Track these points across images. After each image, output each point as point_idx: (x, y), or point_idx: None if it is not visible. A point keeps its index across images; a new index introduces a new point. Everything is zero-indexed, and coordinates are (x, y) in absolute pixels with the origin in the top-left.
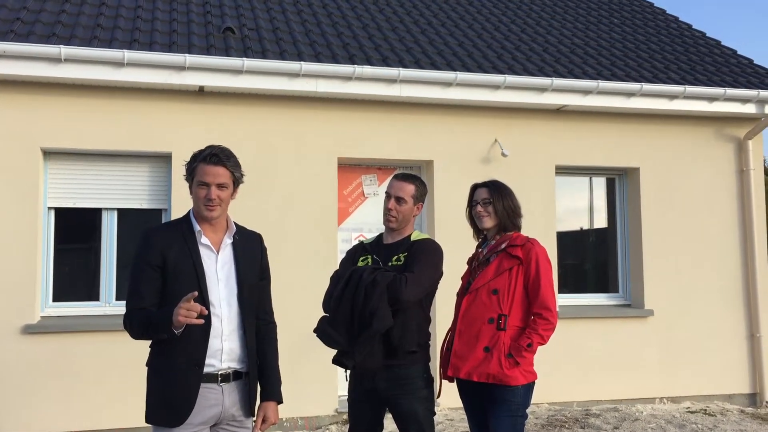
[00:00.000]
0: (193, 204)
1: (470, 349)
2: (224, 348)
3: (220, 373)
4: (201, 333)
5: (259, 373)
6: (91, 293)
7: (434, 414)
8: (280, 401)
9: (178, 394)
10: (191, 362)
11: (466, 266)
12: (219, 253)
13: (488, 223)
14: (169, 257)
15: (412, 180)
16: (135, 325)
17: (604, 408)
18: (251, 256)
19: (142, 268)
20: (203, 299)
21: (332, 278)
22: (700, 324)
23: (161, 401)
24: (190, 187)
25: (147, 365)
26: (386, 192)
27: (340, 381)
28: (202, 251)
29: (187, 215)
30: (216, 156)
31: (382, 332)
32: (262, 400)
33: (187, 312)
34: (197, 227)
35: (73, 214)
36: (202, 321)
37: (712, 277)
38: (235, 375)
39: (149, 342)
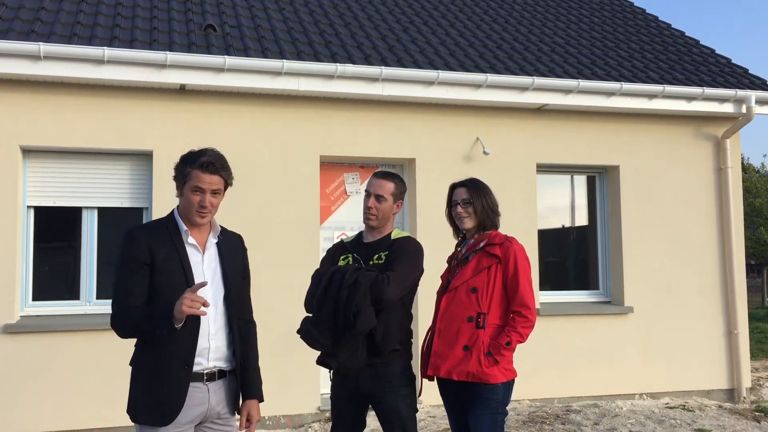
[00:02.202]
0: (180, 205)
1: (450, 347)
2: (211, 347)
3: (206, 372)
4: (189, 332)
5: (241, 371)
6: (72, 292)
7: (417, 411)
8: (261, 399)
9: (168, 394)
10: (180, 361)
11: (446, 265)
12: (205, 252)
13: (468, 224)
14: (157, 255)
15: (391, 178)
16: (127, 322)
17: (585, 404)
18: (234, 256)
19: (130, 265)
20: None
21: (313, 277)
22: (679, 321)
23: (149, 400)
24: (179, 188)
25: (132, 364)
26: (366, 190)
27: (322, 379)
28: (189, 251)
29: (171, 215)
30: (213, 165)
31: (366, 332)
32: (244, 399)
33: (191, 303)
34: (183, 227)
35: (52, 213)
36: (205, 312)
37: (691, 275)
38: (220, 374)
39: (133, 341)
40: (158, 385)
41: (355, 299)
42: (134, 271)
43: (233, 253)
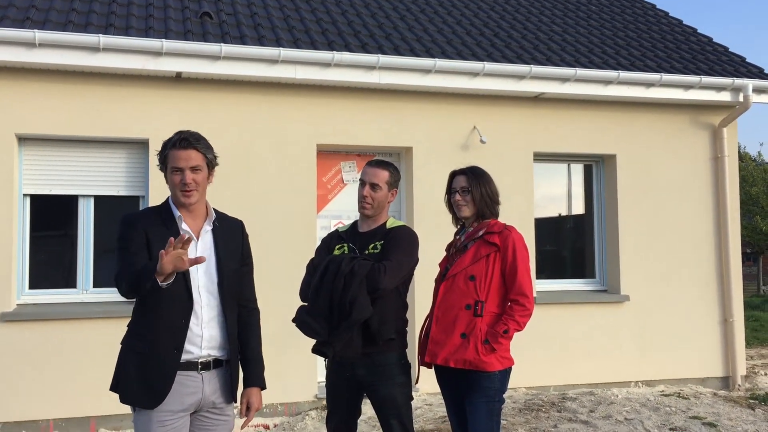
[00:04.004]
0: (170, 192)
1: (447, 335)
2: (204, 335)
3: (200, 361)
4: (181, 317)
5: (242, 359)
6: (68, 280)
7: (412, 399)
8: (263, 387)
9: (156, 377)
10: (170, 346)
11: (445, 253)
12: (199, 239)
13: (466, 211)
14: (152, 240)
15: (385, 166)
16: (128, 278)
17: (581, 392)
18: (232, 243)
19: (129, 246)
20: (186, 285)
21: (308, 267)
22: (674, 309)
23: (137, 382)
24: (166, 177)
25: (122, 343)
26: (360, 179)
27: (319, 367)
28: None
29: (166, 203)
30: (185, 140)
31: (361, 321)
32: (245, 387)
33: (174, 258)
34: (177, 213)
35: (49, 201)
36: (187, 266)
37: (687, 263)
38: (216, 363)
39: (127, 322)
40: (147, 367)
41: (351, 288)
42: (136, 250)
43: (231, 239)
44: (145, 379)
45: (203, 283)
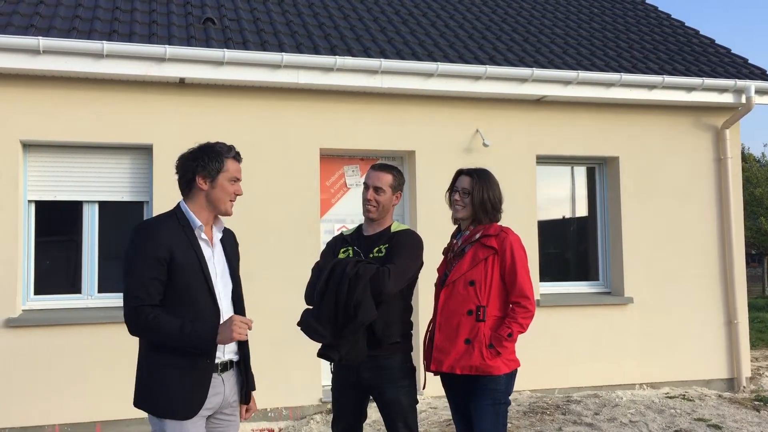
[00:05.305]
0: (207, 198)
1: (451, 342)
2: None
3: (220, 363)
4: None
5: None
6: (73, 286)
7: (417, 402)
8: (254, 389)
9: (195, 387)
10: (204, 356)
11: (442, 257)
12: (214, 248)
13: (462, 213)
14: (176, 252)
15: (389, 170)
16: (152, 329)
17: (585, 394)
18: (234, 251)
19: (148, 262)
20: (210, 293)
21: (314, 270)
22: (678, 311)
23: (173, 395)
24: (206, 180)
25: (149, 361)
26: (364, 183)
27: (324, 371)
28: (202, 246)
29: (179, 210)
30: (239, 154)
31: (366, 324)
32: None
33: (240, 329)
34: (198, 222)
35: (53, 207)
36: (244, 337)
37: (691, 265)
38: (230, 364)
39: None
40: (182, 381)
41: (356, 291)
42: (152, 269)
43: (233, 248)
44: (183, 392)
45: (221, 290)
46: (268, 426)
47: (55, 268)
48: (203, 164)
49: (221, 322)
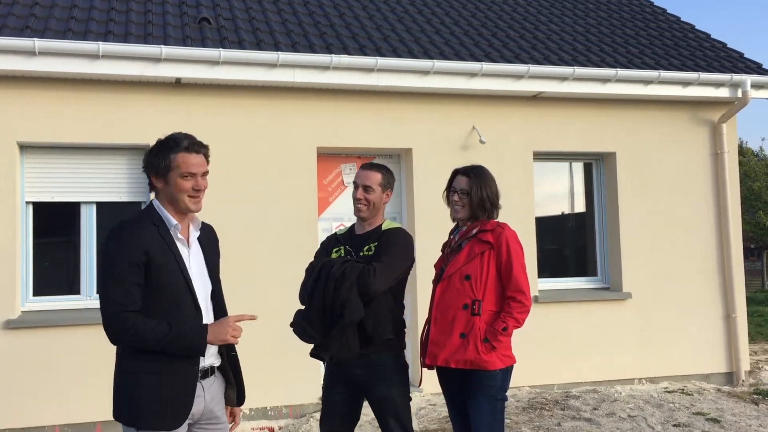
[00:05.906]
0: (165, 195)
1: (446, 336)
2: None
3: (200, 369)
4: None
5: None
6: (72, 287)
7: (410, 399)
8: (243, 402)
9: (178, 396)
10: (190, 362)
11: (440, 253)
12: (190, 247)
13: (461, 213)
14: (152, 254)
15: (378, 168)
16: (139, 335)
17: (584, 390)
18: (213, 248)
19: (125, 267)
20: (191, 294)
21: (307, 270)
22: (677, 305)
23: (158, 404)
24: (160, 178)
25: (125, 370)
26: (354, 182)
27: (322, 370)
28: (179, 246)
29: (152, 209)
30: (197, 144)
31: (354, 323)
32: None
33: (235, 331)
34: (173, 221)
35: (51, 208)
36: (237, 341)
37: (689, 259)
38: (211, 370)
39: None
40: (165, 388)
41: (341, 291)
42: (130, 274)
43: (212, 246)
44: (165, 400)
45: (201, 292)
46: (268, 424)
47: (54, 270)
48: (153, 163)
49: (204, 323)
